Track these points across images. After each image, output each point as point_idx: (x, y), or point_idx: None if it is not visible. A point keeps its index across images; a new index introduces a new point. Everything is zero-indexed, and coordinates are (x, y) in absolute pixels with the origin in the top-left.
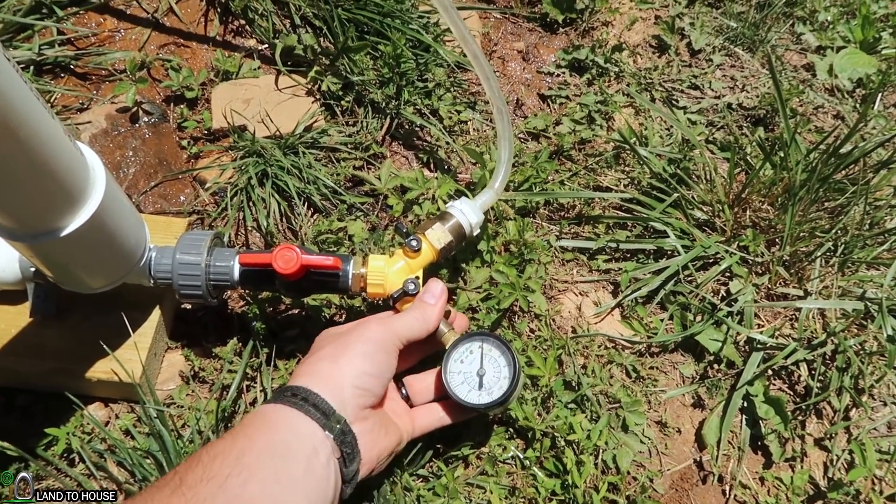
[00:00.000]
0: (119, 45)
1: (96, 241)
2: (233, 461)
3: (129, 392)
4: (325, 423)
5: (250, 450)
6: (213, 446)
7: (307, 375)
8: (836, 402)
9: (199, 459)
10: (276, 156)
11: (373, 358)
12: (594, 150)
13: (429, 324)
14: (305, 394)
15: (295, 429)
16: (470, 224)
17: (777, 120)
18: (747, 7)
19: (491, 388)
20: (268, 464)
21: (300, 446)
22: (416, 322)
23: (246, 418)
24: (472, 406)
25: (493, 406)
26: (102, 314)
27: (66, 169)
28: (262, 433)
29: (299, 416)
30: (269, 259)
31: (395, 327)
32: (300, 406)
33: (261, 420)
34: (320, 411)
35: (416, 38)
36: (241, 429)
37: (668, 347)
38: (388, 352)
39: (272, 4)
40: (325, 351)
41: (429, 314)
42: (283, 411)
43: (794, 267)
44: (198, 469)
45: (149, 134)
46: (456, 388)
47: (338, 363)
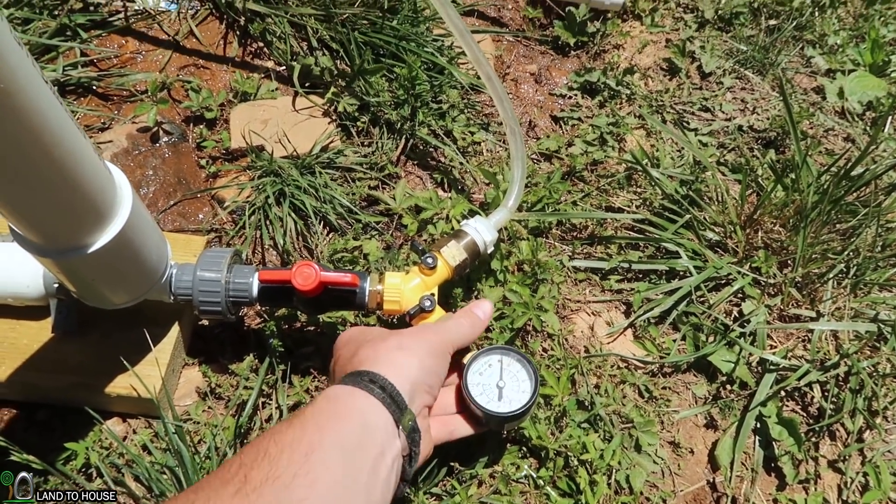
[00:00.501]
0: (140, 66)
1: (121, 257)
2: (301, 458)
3: (147, 407)
4: (398, 417)
5: (320, 444)
6: (282, 435)
7: (384, 363)
8: (850, 424)
9: (266, 452)
10: (293, 175)
11: (436, 358)
12: (606, 171)
13: (476, 333)
14: (383, 382)
15: (367, 419)
16: (484, 242)
17: (788, 142)
18: (757, 31)
19: (511, 400)
20: (336, 464)
21: (370, 444)
22: (466, 328)
23: (318, 400)
24: (493, 414)
25: (512, 417)
26: (123, 330)
27: (96, 187)
28: (333, 423)
29: (375, 403)
30: (289, 276)
31: (449, 333)
32: (377, 394)
33: (333, 406)
34: (396, 403)
35: (431, 61)
36: (312, 415)
37: (681, 368)
38: (446, 355)
39: (290, 27)
40: (396, 340)
41: (477, 324)
42: (359, 396)
43: (807, 288)
44: (264, 464)
45: (168, 153)
46: (476, 397)
47: (414, 356)
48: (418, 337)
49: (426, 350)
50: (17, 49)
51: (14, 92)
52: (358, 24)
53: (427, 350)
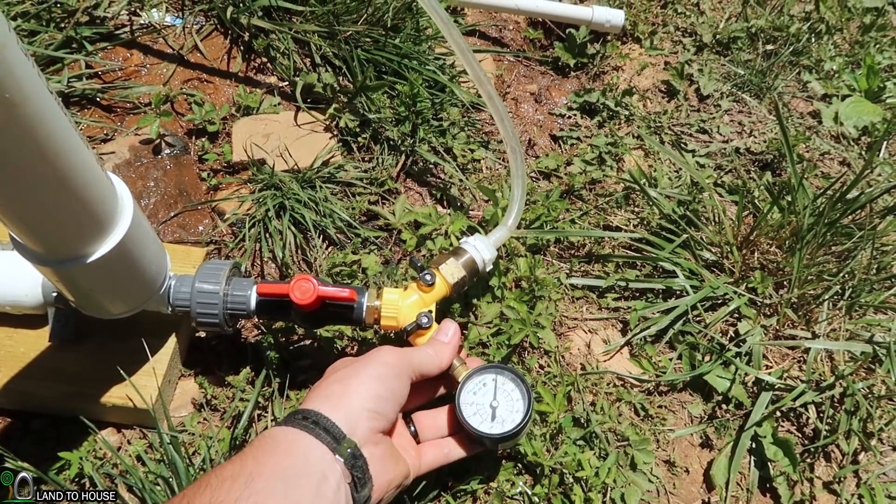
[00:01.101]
0: (145, 79)
1: (121, 267)
2: (242, 485)
3: (142, 418)
4: (335, 447)
5: (259, 474)
6: (222, 470)
7: (318, 399)
8: (845, 446)
9: (208, 483)
10: (293, 189)
11: (385, 381)
12: (604, 190)
13: (441, 360)
14: (316, 417)
15: (305, 453)
16: (483, 260)
17: (784, 165)
18: (754, 55)
19: (504, 420)
20: (278, 489)
21: (310, 471)
22: (429, 357)
23: (255, 441)
24: (485, 435)
25: (505, 437)
26: (120, 340)
27: (98, 197)
28: (271, 457)
29: (309, 439)
30: (287, 289)
31: (409, 357)
32: (310, 429)
33: (270, 443)
34: (331, 435)
35: (433, 79)
36: (251, 452)
37: (677, 386)
38: (401, 377)
39: (294, 44)
40: (336, 375)
41: (441, 351)
42: (293, 434)
43: (802, 309)
44: (206, 493)
45: (170, 165)
46: (469, 418)
47: (349, 386)
48: (368, 363)
49: (371, 376)
50: (23, 60)
51: (19, 102)
52: (361, 41)
53: (372, 376)
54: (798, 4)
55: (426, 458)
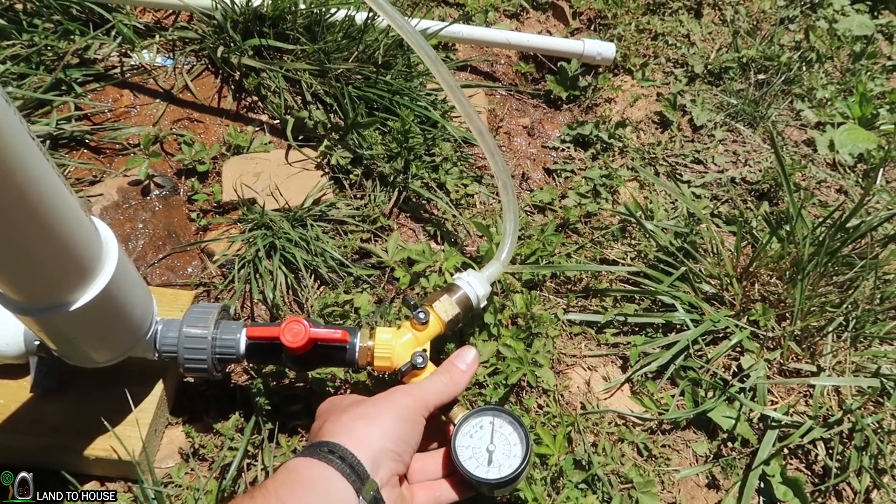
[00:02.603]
0: (134, 119)
1: (105, 314)
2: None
3: (127, 470)
4: (359, 487)
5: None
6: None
7: (344, 433)
8: (857, 484)
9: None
10: (284, 228)
11: (406, 424)
12: (600, 223)
13: (458, 388)
14: (343, 452)
15: (329, 491)
16: (477, 296)
17: (781, 194)
18: (746, 85)
19: (501, 465)
20: None
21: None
22: (445, 386)
23: (278, 473)
24: (481, 480)
25: (502, 483)
26: (104, 389)
27: (81, 243)
28: (293, 494)
29: (335, 475)
30: (277, 332)
31: (424, 394)
32: (337, 465)
33: (294, 477)
34: (356, 473)
35: (425, 115)
36: (273, 487)
37: (680, 424)
38: (417, 421)
39: (284, 82)
40: (360, 409)
41: (458, 379)
42: (319, 468)
43: (806, 342)
44: None
45: (159, 206)
46: (465, 462)
47: (374, 424)
48: (387, 403)
49: (393, 416)
50: (3, 107)
51: None
52: (352, 78)
53: (394, 416)
54: (788, 34)
55: (417, 500)
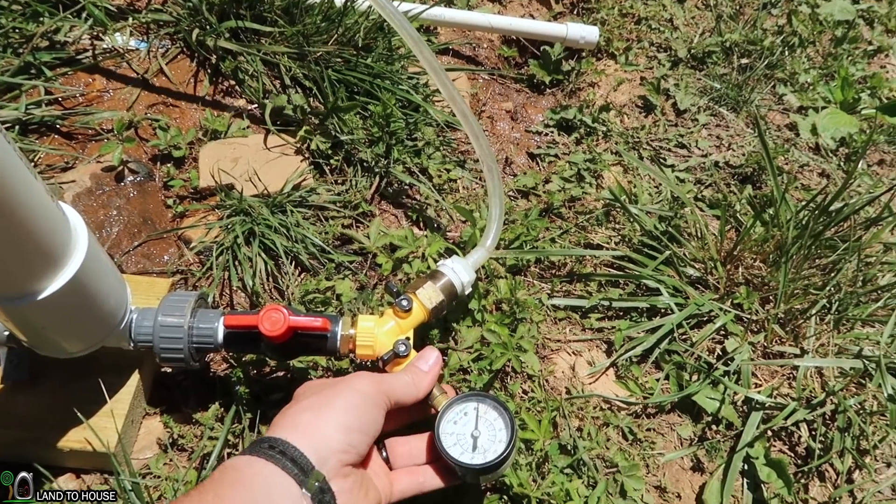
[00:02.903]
0: (107, 104)
1: (75, 303)
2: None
3: (103, 462)
4: (302, 480)
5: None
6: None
7: (287, 427)
8: (839, 465)
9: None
10: (263, 214)
11: (359, 412)
12: (584, 207)
13: (419, 390)
14: (283, 446)
15: (269, 486)
16: (462, 283)
17: (764, 178)
18: (730, 69)
19: (486, 451)
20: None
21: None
22: (407, 386)
23: (217, 471)
24: (466, 466)
25: (487, 469)
26: (78, 380)
27: (48, 230)
28: (232, 491)
29: (275, 470)
30: (256, 321)
31: (385, 385)
32: (277, 460)
33: (232, 475)
34: (298, 466)
35: (406, 98)
36: (211, 485)
37: (665, 408)
38: (376, 407)
39: (262, 65)
40: (308, 401)
41: (420, 381)
42: (258, 465)
43: (790, 325)
44: None
45: (134, 193)
46: (449, 448)
47: (321, 416)
48: (340, 391)
49: (345, 406)
50: None
51: None
52: (332, 62)
53: (347, 406)
54: (770, 18)
55: (399, 486)
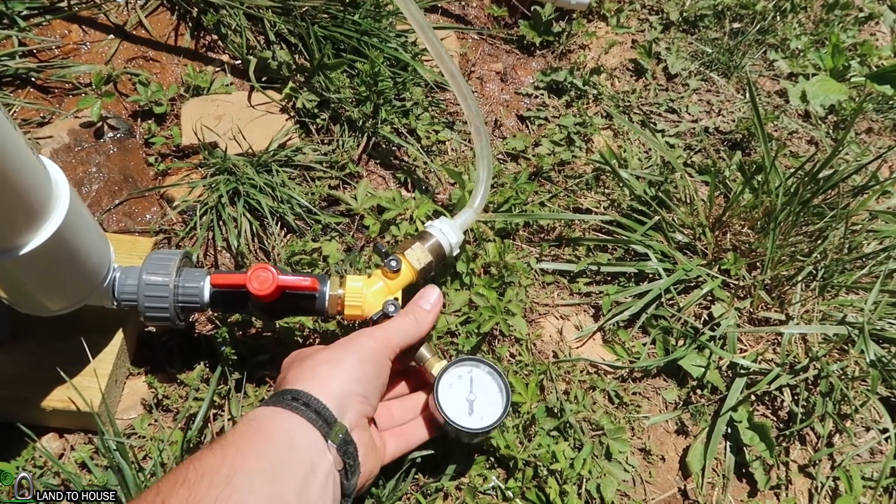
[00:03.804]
0: (85, 57)
1: (57, 260)
2: (222, 481)
3: (86, 422)
4: (327, 432)
5: (242, 467)
6: (202, 462)
7: (307, 379)
8: (820, 428)
9: (185, 478)
10: (248, 174)
11: (371, 365)
12: (574, 171)
13: (422, 328)
14: (307, 398)
15: (293, 438)
16: (450, 244)
17: (753, 144)
18: (721, 34)
19: (483, 414)
20: (260, 485)
21: (297, 462)
22: (410, 326)
23: (240, 424)
24: (468, 430)
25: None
26: (60, 339)
27: (28, 183)
28: (255, 445)
29: (300, 422)
30: (243, 280)
31: (389, 336)
32: (301, 412)
33: (255, 428)
34: (322, 418)
35: (395, 57)
36: (233, 439)
37: (651, 372)
38: (382, 362)
39: (246, 20)
40: (322, 355)
41: (422, 319)
42: (282, 416)
43: (776, 291)
44: (182, 490)
45: (114, 150)
46: (448, 411)
47: (339, 367)
48: (351, 345)
49: (357, 359)
50: None
51: None
52: (318, 17)
53: (358, 359)
54: None
55: (389, 449)
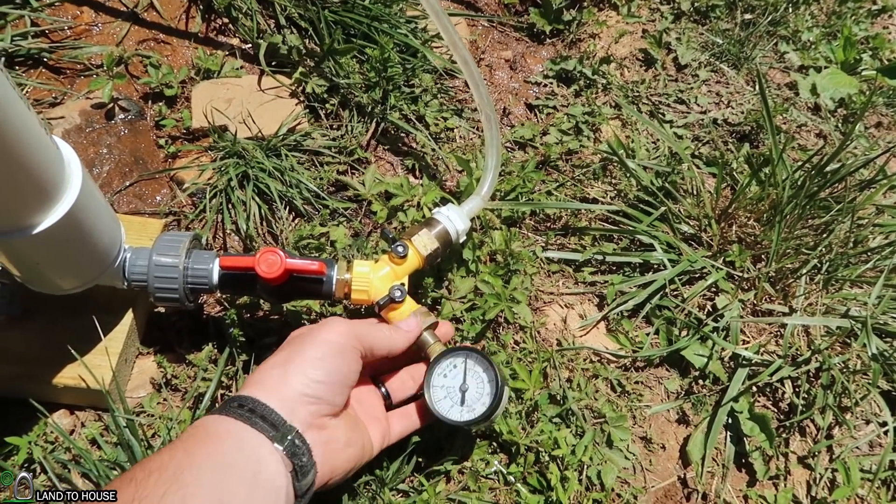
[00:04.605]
0: (96, 39)
1: (69, 239)
2: (170, 477)
3: (96, 399)
4: (273, 435)
5: (190, 465)
6: (149, 462)
7: (255, 385)
8: (820, 420)
9: (133, 477)
10: (257, 157)
11: (326, 363)
12: (581, 161)
13: (394, 346)
14: (252, 404)
15: (240, 442)
16: (457, 231)
17: (762, 136)
18: (732, 25)
19: (473, 405)
20: (209, 480)
21: (245, 460)
22: (383, 338)
23: (186, 431)
24: (453, 423)
25: (473, 423)
26: (71, 317)
27: (41, 163)
28: (203, 446)
29: (245, 428)
30: (252, 262)
31: (359, 331)
32: (246, 418)
33: (203, 432)
34: (268, 423)
35: (404, 43)
36: (181, 442)
37: (654, 362)
38: (346, 356)
39: (257, 3)
40: (276, 358)
41: (396, 338)
42: (228, 423)
43: (780, 283)
44: (130, 488)
45: (125, 131)
46: (438, 402)
47: (287, 370)
48: (306, 344)
49: (310, 357)
50: None
51: None
52: (328, 2)
53: (311, 357)
54: None
55: (396, 428)
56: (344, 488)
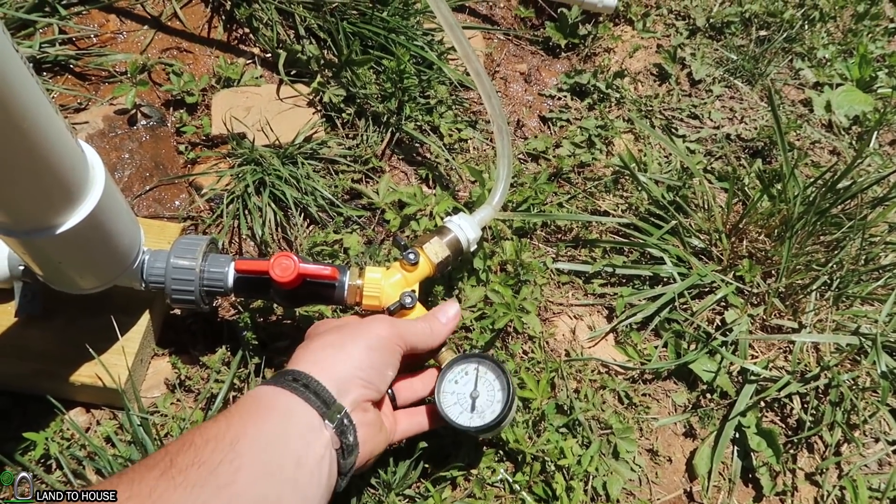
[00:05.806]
0: (121, 46)
1: (91, 240)
2: (226, 447)
3: (112, 398)
4: (324, 412)
5: (244, 436)
6: (206, 429)
7: (310, 362)
8: (829, 437)
9: (192, 442)
10: (274, 165)
11: (379, 353)
12: (593, 174)
13: (435, 339)
14: (307, 380)
15: (292, 416)
16: (468, 239)
17: (774, 152)
18: (747, 41)
19: (483, 412)
20: (260, 454)
21: (295, 436)
22: (424, 334)
23: (242, 400)
24: (463, 429)
25: (483, 430)
26: (89, 317)
27: (67, 165)
28: (257, 418)
29: (299, 402)
30: (266, 266)
31: (402, 330)
32: (301, 392)
33: (257, 404)
34: (321, 399)
35: (420, 55)
36: (236, 411)
37: (662, 375)
38: (392, 351)
39: (277, 14)
40: (329, 338)
41: (437, 330)
42: (282, 395)
43: (790, 299)
44: (189, 452)
45: (146, 137)
46: (448, 408)
47: (343, 352)
48: (360, 330)
49: (364, 345)
50: None
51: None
52: (347, 13)
53: (365, 345)
54: None
55: (401, 426)
56: (351, 491)
